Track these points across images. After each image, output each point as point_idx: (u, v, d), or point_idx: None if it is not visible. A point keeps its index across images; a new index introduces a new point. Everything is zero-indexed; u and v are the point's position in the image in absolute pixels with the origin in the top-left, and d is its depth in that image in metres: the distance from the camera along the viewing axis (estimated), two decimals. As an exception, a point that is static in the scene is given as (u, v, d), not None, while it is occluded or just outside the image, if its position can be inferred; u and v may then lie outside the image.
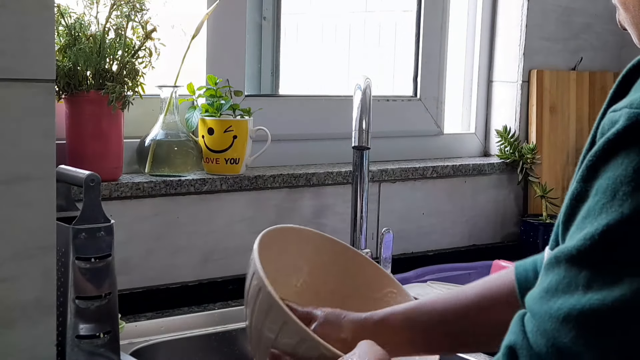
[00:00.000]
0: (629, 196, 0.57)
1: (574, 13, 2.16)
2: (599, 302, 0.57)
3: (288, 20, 2.45)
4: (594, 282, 0.58)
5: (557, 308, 0.59)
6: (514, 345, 0.63)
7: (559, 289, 0.60)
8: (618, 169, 0.58)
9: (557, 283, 0.61)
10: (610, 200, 0.58)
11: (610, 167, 0.59)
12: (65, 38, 1.44)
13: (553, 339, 0.59)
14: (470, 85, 2.17)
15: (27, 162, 0.87)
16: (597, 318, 0.57)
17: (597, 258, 0.59)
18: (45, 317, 0.90)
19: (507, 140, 2.08)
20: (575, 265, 0.59)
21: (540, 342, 0.61)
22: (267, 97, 1.97)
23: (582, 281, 0.59)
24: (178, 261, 1.58)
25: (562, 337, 0.59)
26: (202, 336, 1.48)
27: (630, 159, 0.58)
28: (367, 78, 1.56)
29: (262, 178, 1.65)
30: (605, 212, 0.58)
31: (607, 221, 0.58)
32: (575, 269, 0.59)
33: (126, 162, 1.56)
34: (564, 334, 0.59)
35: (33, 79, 0.87)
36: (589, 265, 0.59)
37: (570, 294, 0.59)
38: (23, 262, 0.88)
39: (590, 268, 0.59)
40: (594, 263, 0.59)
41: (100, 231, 1.20)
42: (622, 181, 0.58)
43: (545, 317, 0.60)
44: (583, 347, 0.58)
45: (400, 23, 2.36)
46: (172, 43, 1.57)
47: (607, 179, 0.59)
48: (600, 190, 0.59)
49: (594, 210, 0.59)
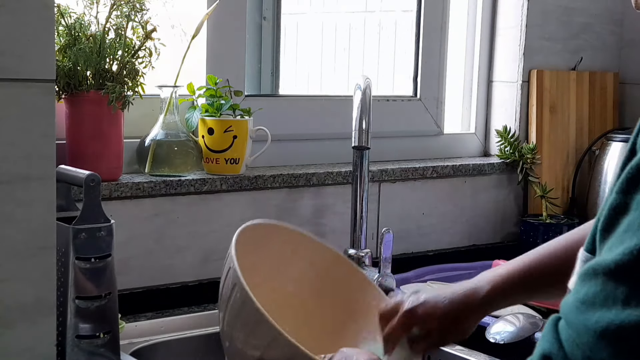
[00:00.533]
0: None
1: (574, 13, 2.16)
2: (638, 318, 0.57)
3: (288, 20, 2.45)
4: (632, 297, 0.57)
5: (595, 321, 0.59)
6: (549, 354, 0.63)
7: (597, 302, 0.59)
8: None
9: (594, 295, 0.60)
10: None
11: None
12: (65, 38, 1.44)
13: (590, 352, 0.59)
14: (470, 85, 2.17)
15: (27, 162, 0.87)
16: (635, 334, 0.57)
17: (636, 273, 0.58)
18: (45, 317, 0.90)
19: (507, 140, 2.08)
20: (613, 279, 0.59)
21: (577, 353, 0.60)
22: (267, 97, 1.97)
23: (621, 296, 0.58)
24: (178, 261, 1.58)
25: (599, 353, 0.58)
26: (202, 336, 1.48)
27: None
28: (367, 78, 1.56)
29: (262, 178, 1.65)
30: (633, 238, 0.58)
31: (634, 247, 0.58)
32: (613, 283, 0.59)
33: (126, 162, 1.56)
34: (602, 348, 0.58)
35: (33, 79, 0.87)
36: (627, 280, 0.58)
37: (608, 308, 0.58)
38: (23, 262, 0.88)
39: (629, 283, 0.58)
40: (633, 278, 0.58)
41: (100, 231, 1.20)
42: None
43: (582, 329, 0.60)
44: None
45: (400, 23, 2.36)
46: (172, 43, 1.57)
47: None
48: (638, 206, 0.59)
49: (635, 224, 0.59)
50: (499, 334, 1.43)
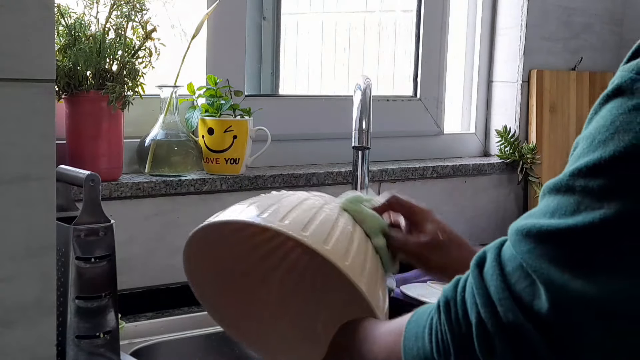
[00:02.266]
0: (601, 144, 0.64)
1: (574, 13, 2.16)
2: (554, 226, 0.66)
3: (288, 20, 2.45)
4: (557, 210, 0.66)
5: (523, 224, 0.69)
6: (486, 251, 0.74)
7: (533, 212, 0.70)
8: (600, 120, 0.66)
9: (534, 210, 0.70)
10: (588, 147, 0.66)
11: (596, 118, 0.67)
12: (65, 38, 1.44)
13: (514, 248, 0.69)
14: (470, 85, 2.17)
15: (27, 162, 0.87)
16: (549, 238, 0.66)
17: (564, 190, 0.67)
18: (45, 317, 0.90)
19: (507, 140, 2.08)
20: (550, 195, 0.68)
21: (505, 251, 0.71)
22: (267, 97, 1.97)
23: (550, 209, 0.67)
24: (178, 261, 1.57)
25: (521, 247, 0.68)
26: (202, 336, 1.49)
27: (610, 112, 0.65)
28: (367, 78, 1.56)
29: (262, 178, 1.65)
30: (582, 157, 0.66)
31: (579, 164, 0.65)
32: (549, 198, 0.68)
33: (126, 162, 1.56)
34: (524, 245, 0.68)
35: (33, 79, 0.86)
36: (557, 195, 0.67)
37: (538, 217, 0.68)
38: (23, 262, 0.88)
39: (558, 199, 0.67)
40: (562, 194, 0.67)
41: (100, 231, 1.20)
42: (600, 131, 0.65)
43: (512, 230, 0.71)
44: (535, 260, 0.67)
45: (400, 23, 2.36)
46: (172, 43, 1.57)
47: (592, 128, 0.67)
48: (584, 137, 0.67)
49: (577, 155, 0.67)
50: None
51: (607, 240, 0.63)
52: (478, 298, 0.70)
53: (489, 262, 0.72)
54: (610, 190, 0.63)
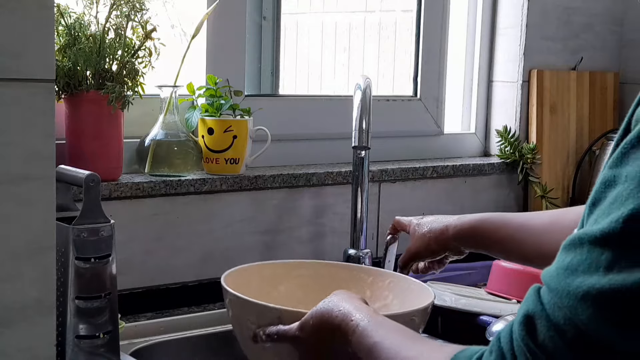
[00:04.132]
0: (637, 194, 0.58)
1: (574, 13, 2.16)
2: (619, 283, 0.58)
3: (288, 20, 2.45)
4: (615, 264, 0.58)
5: (576, 286, 0.60)
6: (532, 314, 0.63)
7: (579, 269, 0.60)
8: (629, 167, 0.60)
9: (577, 263, 0.61)
10: (638, 186, 0.58)
11: (634, 158, 0.60)
12: (65, 38, 1.44)
13: (570, 314, 0.60)
14: (470, 85, 2.17)
15: (27, 162, 0.87)
16: (615, 299, 0.58)
17: (620, 241, 0.59)
18: (45, 317, 0.90)
19: (507, 140, 2.08)
20: (597, 247, 0.60)
21: (558, 314, 0.61)
22: (267, 97, 1.97)
23: (604, 263, 0.59)
24: (178, 261, 1.58)
25: (579, 314, 0.59)
26: (202, 336, 1.48)
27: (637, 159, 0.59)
28: (367, 78, 1.56)
29: (262, 178, 1.65)
30: (632, 198, 0.58)
31: (634, 206, 0.58)
32: (598, 251, 0.60)
33: (126, 162, 1.56)
34: (582, 311, 0.59)
35: (33, 79, 0.86)
36: (611, 247, 0.59)
37: (590, 274, 0.59)
38: (23, 262, 0.88)
39: (613, 250, 0.59)
40: (617, 246, 0.59)
41: (100, 231, 1.20)
42: (625, 179, 0.59)
43: (563, 293, 0.61)
44: (601, 325, 0.58)
45: (400, 23, 2.36)
46: (172, 43, 1.57)
47: (637, 166, 0.59)
48: (629, 177, 0.60)
49: (622, 196, 0.59)
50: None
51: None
52: None
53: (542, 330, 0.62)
54: None
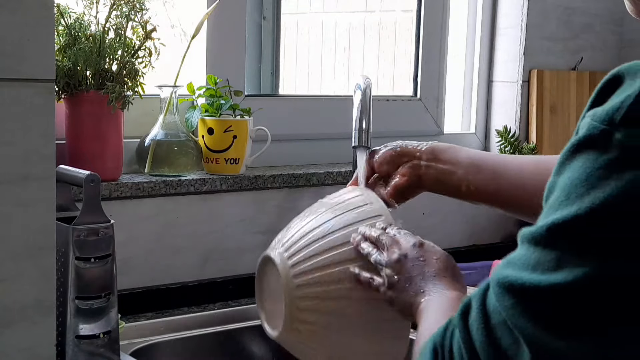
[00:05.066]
0: (578, 199, 0.64)
1: (574, 13, 2.16)
2: (535, 282, 0.65)
3: (288, 20, 2.45)
4: (538, 265, 0.66)
5: (505, 277, 0.68)
6: (471, 297, 0.73)
7: (514, 261, 0.69)
8: (575, 172, 0.65)
9: (514, 257, 0.69)
10: (565, 200, 0.65)
11: (570, 168, 0.66)
12: (65, 38, 1.44)
13: (498, 301, 0.69)
14: (471, 85, 2.17)
15: (27, 162, 0.87)
16: (532, 295, 0.66)
17: (544, 244, 0.66)
18: (45, 317, 0.90)
19: (508, 140, 2.08)
20: (530, 245, 0.67)
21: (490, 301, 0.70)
22: (267, 97, 1.97)
23: (531, 262, 0.67)
24: (178, 261, 1.58)
25: (504, 302, 0.68)
26: (202, 336, 1.48)
27: (584, 165, 0.64)
28: (367, 78, 1.56)
29: (262, 178, 1.65)
30: (560, 209, 0.65)
31: (557, 217, 0.65)
32: (529, 249, 0.68)
33: (126, 162, 1.56)
34: (506, 300, 0.67)
35: (33, 79, 0.87)
36: (537, 248, 0.67)
37: (519, 269, 0.67)
38: (23, 262, 0.88)
39: (538, 252, 0.66)
40: (542, 248, 0.66)
41: (100, 231, 1.20)
42: (576, 184, 0.65)
43: (494, 279, 0.70)
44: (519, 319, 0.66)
45: (400, 23, 2.36)
46: (172, 43, 1.57)
47: (567, 178, 0.66)
48: (560, 187, 0.67)
49: (554, 204, 0.67)
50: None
51: (588, 300, 0.63)
52: (465, 353, 0.71)
53: (474, 312, 0.71)
54: (589, 248, 0.63)
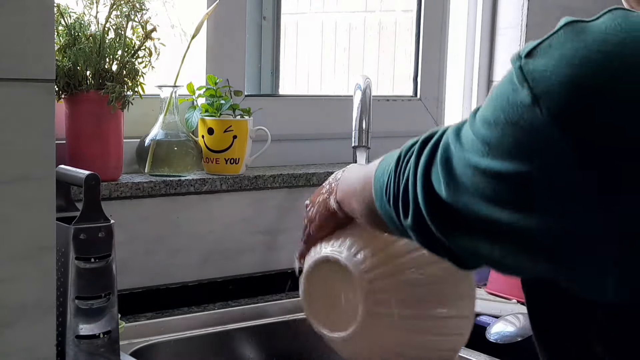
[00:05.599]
0: (490, 100, 0.74)
1: (574, 13, 2.15)
2: (473, 163, 0.72)
3: (288, 20, 2.45)
4: (472, 147, 0.72)
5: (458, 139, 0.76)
6: (437, 130, 0.83)
7: (466, 139, 0.75)
8: (501, 80, 0.75)
9: (467, 135, 0.75)
10: (487, 96, 0.75)
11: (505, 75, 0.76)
12: (65, 38, 1.44)
13: (454, 151, 0.76)
14: (471, 85, 2.17)
15: (26, 162, 0.87)
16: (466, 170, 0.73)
17: (475, 130, 0.73)
18: (45, 317, 0.90)
19: (507, 140, 2.07)
20: (472, 125, 0.74)
21: (445, 144, 0.77)
22: (267, 97, 1.97)
23: (469, 142, 0.74)
24: (178, 261, 1.58)
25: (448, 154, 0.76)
26: (202, 336, 1.48)
27: (506, 75, 0.74)
28: (367, 78, 1.56)
29: (262, 178, 1.65)
30: (484, 106, 0.75)
31: (481, 113, 0.74)
32: (472, 128, 0.74)
33: (126, 162, 1.56)
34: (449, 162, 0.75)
35: (33, 79, 0.86)
36: (473, 132, 0.74)
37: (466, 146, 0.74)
38: (23, 262, 0.88)
39: (473, 137, 0.73)
40: (474, 134, 0.73)
41: (100, 231, 1.20)
42: (490, 94, 0.74)
43: (455, 134, 0.76)
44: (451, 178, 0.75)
45: (400, 23, 2.36)
46: (172, 43, 1.57)
47: (497, 83, 0.76)
48: (494, 86, 0.76)
49: (487, 98, 0.76)
50: (499, 334, 1.43)
51: None
52: (411, 171, 0.81)
53: (429, 145, 0.80)
54: (489, 147, 0.71)
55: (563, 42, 0.74)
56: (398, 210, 0.83)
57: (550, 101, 0.66)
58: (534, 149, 0.67)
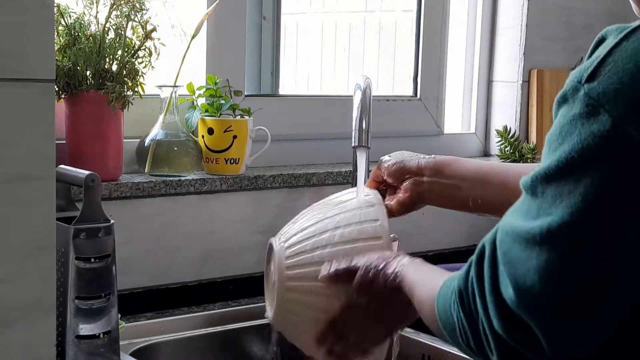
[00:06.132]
0: (553, 151, 0.69)
1: (574, 13, 2.16)
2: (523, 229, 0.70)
3: (288, 20, 2.45)
4: (528, 212, 0.71)
5: (506, 222, 0.74)
6: (484, 242, 0.77)
7: (514, 209, 0.75)
8: (555, 125, 0.70)
9: (515, 204, 0.75)
10: (547, 152, 0.70)
11: (554, 122, 0.71)
12: (65, 38, 1.44)
13: (500, 246, 0.73)
14: (471, 85, 2.17)
15: (26, 162, 0.87)
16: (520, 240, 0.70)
17: (532, 193, 0.72)
18: (45, 317, 0.90)
19: (508, 140, 2.07)
20: (526, 194, 0.73)
21: (497, 247, 0.74)
22: (267, 97, 1.97)
23: (524, 209, 0.72)
24: (178, 261, 1.58)
25: (504, 246, 0.72)
26: (202, 336, 1.48)
27: (560, 119, 0.69)
28: (367, 78, 1.56)
29: (262, 178, 1.65)
30: (544, 160, 0.71)
31: (540, 169, 0.70)
32: (524, 197, 0.73)
33: (126, 162, 1.56)
34: (504, 245, 0.72)
35: (33, 79, 0.86)
36: (528, 197, 0.72)
37: (516, 215, 0.73)
38: (23, 262, 0.88)
39: (529, 200, 0.72)
40: (530, 196, 0.72)
41: (100, 231, 1.20)
42: (554, 137, 0.70)
43: (500, 227, 0.75)
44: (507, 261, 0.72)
45: (400, 23, 2.36)
46: (172, 43, 1.57)
47: (550, 132, 0.71)
48: (546, 140, 0.72)
49: (543, 156, 0.72)
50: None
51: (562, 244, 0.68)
52: (479, 297, 0.74)
53: (487, 257, 0.75)
54: (556, 197, 0.68)
55: (632, 53, 0.68)
56: (483, 349, 0.76)
57: (635, 121, 0.64)
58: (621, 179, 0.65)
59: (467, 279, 0.77)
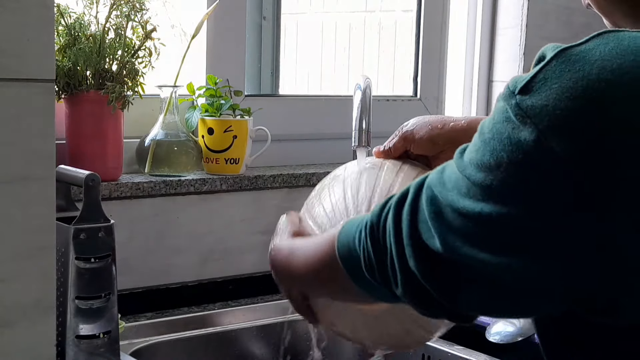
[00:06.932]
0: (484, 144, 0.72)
1: (574, 13, 2.16)
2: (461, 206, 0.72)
3: (288, 20, 2.45)
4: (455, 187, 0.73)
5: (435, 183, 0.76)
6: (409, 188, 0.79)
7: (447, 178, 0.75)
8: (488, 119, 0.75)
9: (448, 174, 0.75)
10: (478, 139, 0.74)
11: (493, 110, 0.74)
12: (65, 38, 1.44)
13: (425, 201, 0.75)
14: (471, 85, 2.17)
15: (26, 162, 0.87)
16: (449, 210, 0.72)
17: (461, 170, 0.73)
18: (45, 317, 0.90)
19: (507, 140, 2.07)
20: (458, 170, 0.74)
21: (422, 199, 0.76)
22: (267, 97, 1.97)
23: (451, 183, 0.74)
24: (178, 261, 1.58)
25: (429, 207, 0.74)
26: (202, 336, 1.48)
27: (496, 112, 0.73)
28: (367, 78, 1.56)
29: (262, 178, 1.65)
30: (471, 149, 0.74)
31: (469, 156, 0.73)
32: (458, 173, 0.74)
33: (126, 162, 1.56)
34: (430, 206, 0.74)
35: (33, 79, 0.86)
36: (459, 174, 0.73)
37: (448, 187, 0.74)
38: (23, 262, 0.88)
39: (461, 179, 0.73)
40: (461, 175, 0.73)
41: (100, 231, 1.20)
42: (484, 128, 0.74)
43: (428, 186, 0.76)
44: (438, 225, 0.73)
45: (400, 23, 2.36)
46: (172, 43, 1.57)
47: (486, 120, 0.75)
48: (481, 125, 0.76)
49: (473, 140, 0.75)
50: (499, 334, 1.43)
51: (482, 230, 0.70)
52: (393, 237, 0.77)
53: (407, 204, 0.77)
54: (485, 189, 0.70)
55: (559, 73, 0.71)
56: (389, 282, 0.79)
57: (558, 137, 0.65)
58: (538, 188, 0.66)
59: (381, 214, 0.80)
